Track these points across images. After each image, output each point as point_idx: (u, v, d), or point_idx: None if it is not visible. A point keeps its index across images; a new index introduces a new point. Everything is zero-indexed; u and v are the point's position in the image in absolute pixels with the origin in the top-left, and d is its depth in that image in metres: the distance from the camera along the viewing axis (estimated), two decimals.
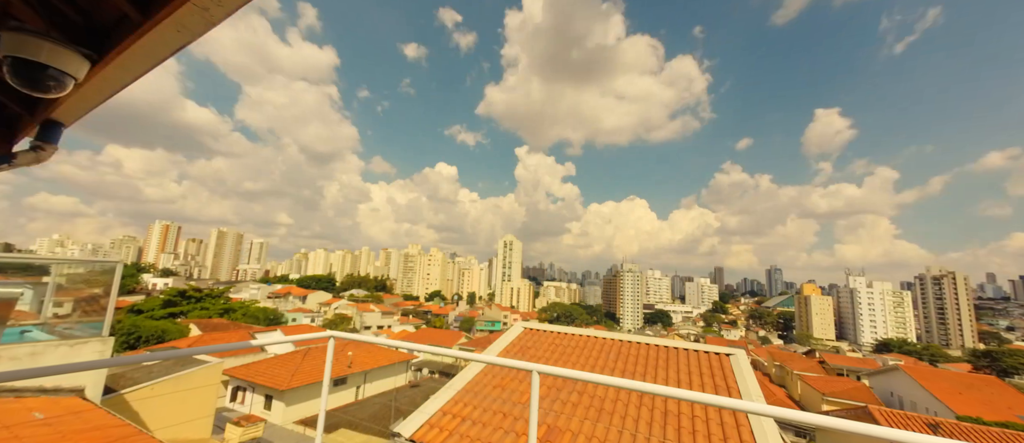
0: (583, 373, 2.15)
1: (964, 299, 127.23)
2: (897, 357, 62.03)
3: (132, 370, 10.17)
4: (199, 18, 1.60)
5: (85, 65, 1.88)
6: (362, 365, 26.11)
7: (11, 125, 2.85)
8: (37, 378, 5.84)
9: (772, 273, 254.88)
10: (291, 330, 40.04)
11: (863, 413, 20.29)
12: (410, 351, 29.24)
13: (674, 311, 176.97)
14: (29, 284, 7.12)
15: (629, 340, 8.73)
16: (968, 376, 35.94)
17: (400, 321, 75.77)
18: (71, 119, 2.56)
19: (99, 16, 1.91)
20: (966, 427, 17.53)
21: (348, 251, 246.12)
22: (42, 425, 4.97)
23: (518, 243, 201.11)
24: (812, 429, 22.63)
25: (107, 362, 2.27)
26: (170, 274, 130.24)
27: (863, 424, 1.53)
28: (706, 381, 6.95)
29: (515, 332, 9.56)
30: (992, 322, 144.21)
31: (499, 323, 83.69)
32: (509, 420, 5.80)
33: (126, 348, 27.10)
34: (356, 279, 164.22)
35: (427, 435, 5.66)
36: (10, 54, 1.72)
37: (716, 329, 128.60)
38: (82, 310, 7.70)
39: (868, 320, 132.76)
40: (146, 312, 38.85)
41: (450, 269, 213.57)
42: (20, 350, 6.13)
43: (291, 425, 20.16)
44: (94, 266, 8.66)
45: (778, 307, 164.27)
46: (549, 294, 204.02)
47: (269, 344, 3.16)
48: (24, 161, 2.57)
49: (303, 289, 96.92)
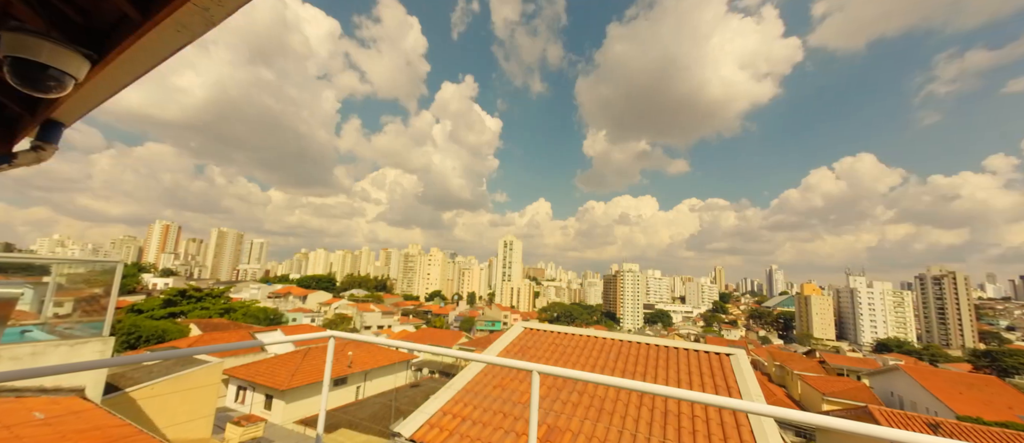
0: (583, 373, 2.15)
1: (964, 299, 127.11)
2: (897, 357, 62.02)
3: (132, 370, 10.17)
4: (199, 18, 1.60)
5: (85, 65, 1.88)
6: (362, 365, 26.10)
7: (11, 125, 2.85)
8: (37, 378, 5.84)
9: (772, 273, 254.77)
10: (291, 330, 40.02)
11: (863, 413, 20.26)
12: (410, 351, 29.25)
13: (674, 311, 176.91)
14: (29, 284, 7.12)
15: (629, 340, 8.73)
16: (968, 376, 35.89)
17: (400, 321, 75.77)
18: (71, 119, 2.56)
19: (99, 16, 1.91)
20: (966, 427, 17.51)
21: (348, 251, 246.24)
22: (42, 425, 4.97)
23: (518, 243, 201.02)
24: (812, 429, 22.62)
25: (107, 362, 2.27)
26: (170, 274, 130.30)
27: (863, 424, 1.53)
28: (706, 381, 6.94)
29: (515, 332, 9.56)
30: (992, 322, 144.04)
31: (499, 323, 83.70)
32: (509, 420, 5.80)
33: (126, 348, 27.10)
34: (356, 279, 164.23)
35: (427, 435, 5.65)
36: (10, 54, 1.72)
37: (716, 329, 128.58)
38: (82, 310, 7.69)
39: (868, 320, 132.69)
40: (146, 312, 38.85)
41: (450, 269, 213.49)
42: (20, 350, 6.13)
43: (291, 425, 20.15)
44: (94, 266, 8.66)
45: (778, 307, 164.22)
46: (549, 294, 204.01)
47: (269, 344, 3.16)
48: (25, 161, 2.57)
49: (303, 289, 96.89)
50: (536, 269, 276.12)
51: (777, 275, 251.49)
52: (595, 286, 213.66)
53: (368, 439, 16.29)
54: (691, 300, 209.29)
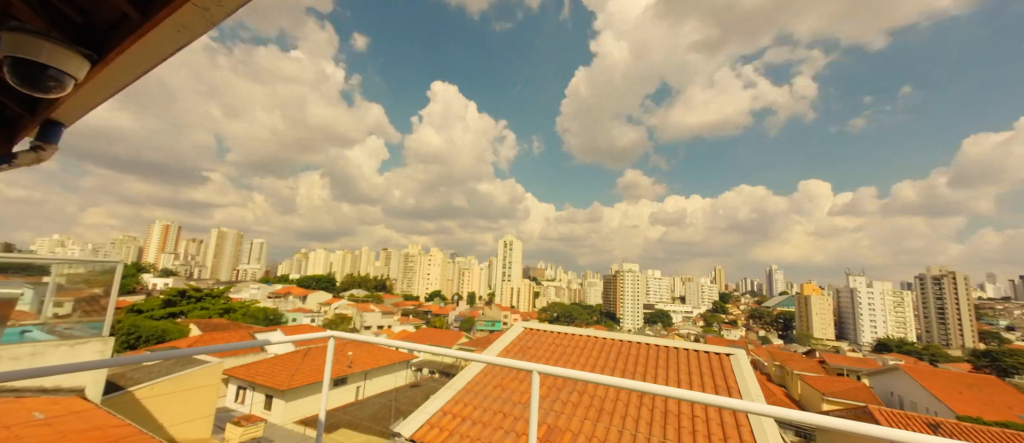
0: (583, 373, 2.15)
1: (964, 299, 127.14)
2: (897, 357, 62.02)
3: (132, 370, 10.17)
4: (199, 18, 1.60)
5: (85, 65, 1.88)
6: (362, 365, 26.10)
7: (11, 125, 2.85)
8: (37, 378, 5.85)
9: (772, 273, 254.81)
10: (291, 330, 40.02)
11: (863, 413, 20.27)
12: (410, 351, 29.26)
13: (674, 311, 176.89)
14: (29, 284, 7.12)
15: (629, 340, 8.73)
16: (968, 376, 35.91)
17: (400, 321, 75.79)
18: (71, 119, 2.56)
19: (99, 16, 1.91)
20: (966, 427, 17.52)
21: (348, 251, 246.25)
22: (42, 425, 4.97)
23: (518, 243, 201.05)
24: (812, 429, 22.61)
25: (107, 362, 2.28)
26: (170, 274, 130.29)
27: (863, 424, 1.53)
28: (706, 381, 6.94)
29: (515, 332, 9.56)
30: (992, 322, 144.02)
31: (499, 323, 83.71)
32: (509, 420, 5.80)
33: (126, 348, 27.09)
34: (356, 279, 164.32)
35: (427, 435, 5.65)
36: (10, 54, 1.72)
37: (716, 329, 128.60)
38: (82, 310, 7.69)
39: (868, 320, 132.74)
40: (146, 312, 38.84)
41: (450, 269, 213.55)
42: (20, 350, 6.13)
43: (291, 425, 20.15)
44: (94, 266, 8.66)
45: (778, 307, 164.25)
46: (549, 294, 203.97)
47: (269, 344, 3.16)
48: (24, 161, 2.58)
49: (303, 289, 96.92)
50: (536, 269, 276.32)
51: (777, 275, 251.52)
52: (595, 286, 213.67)
53: (368, 439, 16.28)
54: (691, 300, 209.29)
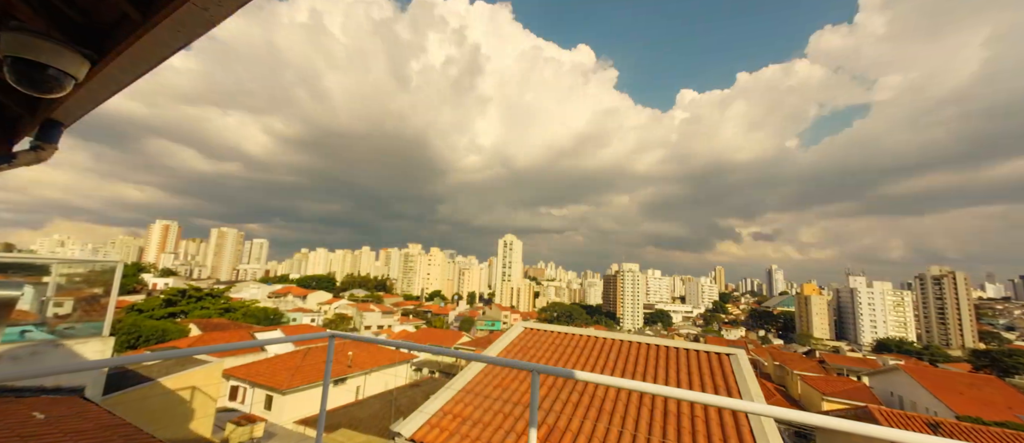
0: (583, 373, 2.15)
1: (964, 299, 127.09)
2: (897, 357, 61.99)
3: (132, 370, 10.16)
4: (199, 18, 1.60)
5: (85, 65, 1.88)
6: (362, 365, 26.09)
7: (11, 125, 2.85)
8: (37, 378, 5.85)
9: (772, 273, 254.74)
10: (291, 330, 40.01)
11: (863, 413, 20.27)
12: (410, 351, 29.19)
13: (674, 311, 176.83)
14: (29, 284, 7.11)
15: (629, 340, 8.73)
16: (968, 376, 35.91)
17: (400, 321, 75.72)
18: (71, 119, 2.56)
19: (99, 16, 1.91)
20: (966, 427, 17.50)
21: (348, 251, 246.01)
22: (42, 425, 4.97)
23: (518, 243, 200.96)
24: (812, 429, 22.59)
25: (107, 362, 2.28)
26: (170, 274, 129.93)
27: (863, 424, 1.53)
28: (706, 381, 6.94)
29: (515, 332, 9.55)
30: (992, 322, 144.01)
31: (499, 323, 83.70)
32: (510, 420, 5.80)
33: (126, 348, 27.09)
34: (356, 279, 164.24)
35: (427, 435, 5.66)
36: (10, 54, 1.72)
37: (716, 329, 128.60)
38: (82, 310, 7.69)
39: (868, 320, 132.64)
40: (146, 312, 38.87)
41: (450, 269, 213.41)
42: (20, 350, 6.13)
43: (291, 424, 20.13)
44: (94, 266, 8.66)
45: (778, 307, 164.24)
46: (549, 294, 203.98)
47: (269, 344, 3.16)
48: (24, 161, 2.58)
49: (303, 289, 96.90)
50: (536, 269, 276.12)
51: (777, 275, 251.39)
52: (595, 286, 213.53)
53: (368, 439, 16.27)
54: (691, 300, 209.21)
